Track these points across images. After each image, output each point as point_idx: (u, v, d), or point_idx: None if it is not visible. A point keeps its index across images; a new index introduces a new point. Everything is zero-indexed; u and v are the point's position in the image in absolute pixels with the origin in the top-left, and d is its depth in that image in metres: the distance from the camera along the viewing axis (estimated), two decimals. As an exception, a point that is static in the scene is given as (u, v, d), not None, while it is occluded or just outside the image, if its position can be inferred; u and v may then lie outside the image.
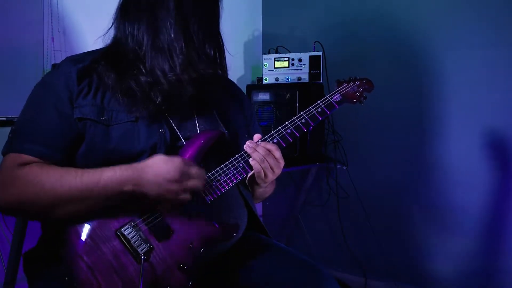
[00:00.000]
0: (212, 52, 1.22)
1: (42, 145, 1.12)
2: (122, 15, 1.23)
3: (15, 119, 1.21)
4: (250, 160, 1.22)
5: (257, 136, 1.26)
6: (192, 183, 1.12)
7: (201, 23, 1.20)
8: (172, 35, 1.17)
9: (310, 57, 2.61)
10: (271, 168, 1.23)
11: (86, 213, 1.10)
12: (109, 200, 1.09)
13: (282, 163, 1.24)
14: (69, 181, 1.07)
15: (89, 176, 1.08)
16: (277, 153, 1.23)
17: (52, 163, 1.12)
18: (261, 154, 1.22)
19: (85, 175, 1.08)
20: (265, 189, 1.38)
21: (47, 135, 1.13)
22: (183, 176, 1.10)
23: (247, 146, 1.23)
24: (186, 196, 1.12)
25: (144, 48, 1.19)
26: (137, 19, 1.20)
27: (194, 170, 1.13)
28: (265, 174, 1.23)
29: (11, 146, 1.14)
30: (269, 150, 1.22)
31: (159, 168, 1.10)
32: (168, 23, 1.18)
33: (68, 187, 1.06)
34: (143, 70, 1.18)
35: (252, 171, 1.24)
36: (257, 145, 1.23)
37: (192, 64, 1.18)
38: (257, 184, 1.29)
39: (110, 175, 1.08)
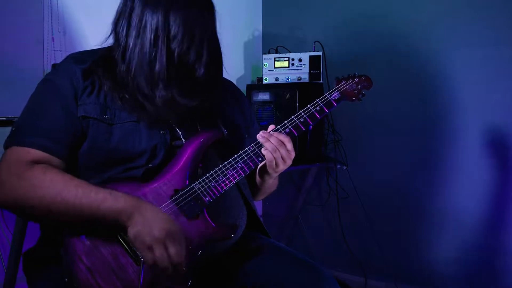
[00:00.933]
0: (202, 72, 1.16)
1: (46, 138, 1.12)
2: (116, 24, 1.21)
3: (16, 118, 1.21)
4: (263, 149, 1.24)
5: (271, 127, 1.28)
6: (162, 254, 1.06)
7: (192, 44, 1.15)
8: (154, 55, 1.13)
9: (310, 57, 2.61)
10: (283, 158, 1.25)
11: (83, 225, 1.09)
12: (102, 222, 1.08)
13: (293, 154, 1.27)
14: (68, 199, 1.06)
15: (89, 200, 1.06)
16: (289, 145, 1.25)
17: (56, 157, 1.12)
18: (274, 144, 1.24)
19: (84, 198, 1.06)
20: (274, 180, 1.39)
21: (51, 130, 1.13)
22: (165, 241, 1.06)
23: (260, 136, 1.25)
24: (148, 258, 1.06)
25: (130, 64, 1.16)
26: (127, 31, 1.17)
27: (175, 249, 1.07)
28: (277, 164, 1.25)
29: (13, 139, 1.13)
30: (281, 141, 1.24)
31: (154, 218, 1.08)
32: (152, 43, 1.14)
33: (67, 204, 1.06)
34: (128, 85, 1.17)
35: (263, 162, 1.26)
36: (270, 135, 1.25)
37: (172, 98, 1.15)
38: (268, 174, 1.31)
39: (110, 205, 1.07)
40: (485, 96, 2.32)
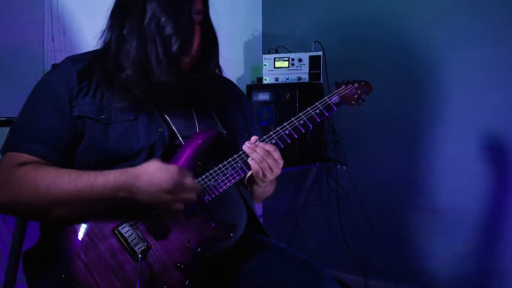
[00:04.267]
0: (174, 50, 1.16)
1: (41, 144, 1.13)
2: (109, 20, 1.24)
3: (15, 119, 1.21)
4: (249, 160, 1.23)
5: (254, 138, 1.27)
6: (185, 195, 1.11)
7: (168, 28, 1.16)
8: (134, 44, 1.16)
9: (310, 57, 2.61)
10: (270, 168, 1.23)
11: (81, 214, 1.10)
12: (104, 204, 1.09)
13: (281, 163, 1.25)
14: (62, 185, 1.07)
15: (82, 182, 1.07)
16: (276, 154, 1.23)
17: (50, 162, 1.13)
18: (260, 154, 1.22)
19: (79, 180, 1.07)
20: (264, 189, 1.38)
21: (45, 134, 1.14)
22: (177, 187, 1.09)
23: (246, 146, 1.23)
24: (179, 206, 1.11)
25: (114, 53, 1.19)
26: (113, 25, 1.21)
27: (189, 181, 1.12)
28: (264, 174, 1.24)
29: (9, 145, 1.14)
30: (268, 151, 1.23)
31: (153, 176, 1.09)
32: (132, 31, 1.17)
33: (62, 191, 1.07)
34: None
35: (251, 171, 1.24)
36: (256, 145, 1.23)
37: (147, 73, 1.16)
38: (256, 183, 1.30)
39: (103, 182, 1.07)
40: (485, 96, 2.31)
